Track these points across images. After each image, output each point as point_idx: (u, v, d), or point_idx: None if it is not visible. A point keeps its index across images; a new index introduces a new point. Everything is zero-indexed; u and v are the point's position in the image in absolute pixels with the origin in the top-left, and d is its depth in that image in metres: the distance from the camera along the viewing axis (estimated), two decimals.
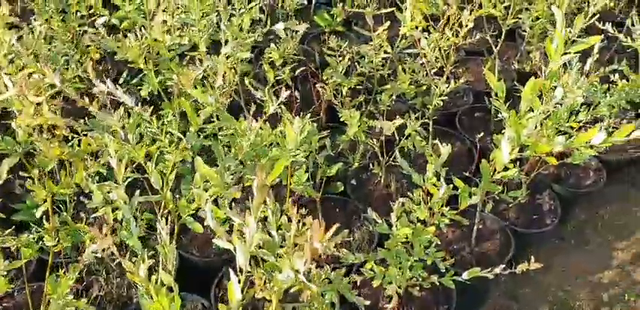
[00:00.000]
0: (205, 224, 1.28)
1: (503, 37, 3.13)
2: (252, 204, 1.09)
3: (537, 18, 3.08)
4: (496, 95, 1.95)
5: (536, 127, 1.73)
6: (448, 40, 2.27)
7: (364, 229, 2.30)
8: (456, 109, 3.03)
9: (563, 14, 1.76)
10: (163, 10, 2.23)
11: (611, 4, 4.19)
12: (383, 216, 2.35)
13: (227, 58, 1.99)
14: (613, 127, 2.57)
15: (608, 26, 2.68)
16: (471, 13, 2.22)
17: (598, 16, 3.72)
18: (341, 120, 2.24)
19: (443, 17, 2.49)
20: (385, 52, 2.39)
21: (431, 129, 2.64)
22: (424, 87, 2.55)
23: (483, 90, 3.24)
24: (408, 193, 1.82)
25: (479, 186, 1.80)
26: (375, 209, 2.39)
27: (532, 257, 1.69)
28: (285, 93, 1.47)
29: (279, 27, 1.99)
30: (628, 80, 2.55)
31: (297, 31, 2.59)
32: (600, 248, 2.77)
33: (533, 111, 1.77)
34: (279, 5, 3.01)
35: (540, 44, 3.12)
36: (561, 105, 2.20)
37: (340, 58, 2.46)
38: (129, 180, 1.40)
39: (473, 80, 3.37)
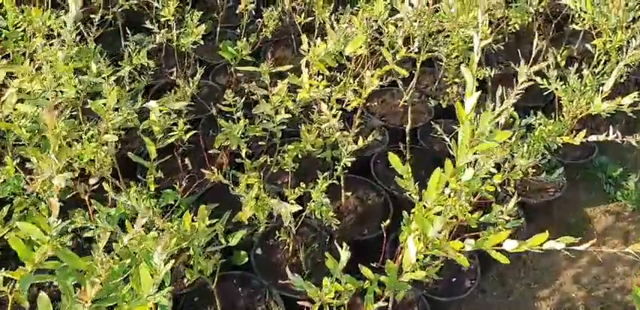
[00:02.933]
0: None
1: (417, 72, 2.95)
2: None
3: (453, 50, 2.91)
4: (401, 177, 1.76)
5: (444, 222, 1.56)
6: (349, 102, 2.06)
7: None
8: (370, 152, 2.83)
9: (473, 80, 1.58)
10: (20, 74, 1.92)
11: (529, 20, 4.06)
12: (291, 294, 2.16)
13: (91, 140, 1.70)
14: (530, 179, 2.44)
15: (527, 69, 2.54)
16: (373, 74, 2.01)
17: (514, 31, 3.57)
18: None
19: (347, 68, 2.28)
20: (287, 110, 2.15)
21: (342, 185, 2.45)
22: (332, 139, 2.33)
23: (398, 126, 3.06)
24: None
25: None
26: (283, 287, 2.20)
27: None
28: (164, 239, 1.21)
29: (152, 105, 1.71)
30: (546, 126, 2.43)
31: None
32: (524, 297, 2.67)
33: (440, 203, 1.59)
34: (174, 43, 2.70)
35: (457, 79, 2.96)
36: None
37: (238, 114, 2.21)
38: None
39: (387, 113, 3.18)
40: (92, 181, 1.83)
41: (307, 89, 1.99)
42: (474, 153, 1.44)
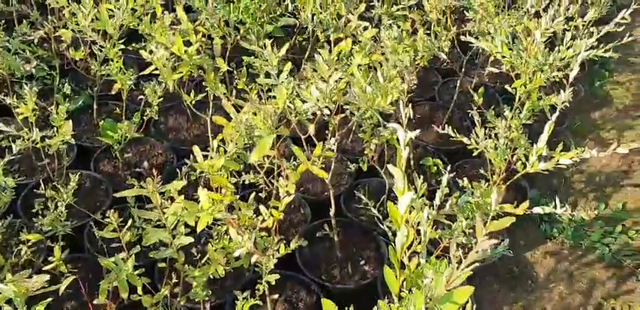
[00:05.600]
0: None
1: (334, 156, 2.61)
2: None
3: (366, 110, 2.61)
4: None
5: None
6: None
7: None
8: (291, 234, 2.50)
9: (405, 180, 1.32)
10: None
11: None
12: None
13: None
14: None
15: (449, 129, 2.30)
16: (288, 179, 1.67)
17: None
18: None
19: None
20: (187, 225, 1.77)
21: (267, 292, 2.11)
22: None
23: (319, 193, 2.75)
24: None
25: None
26: None
27: None
28: None
29: (3, 288, 1.30)
30: None
31: None
32: None
33: None
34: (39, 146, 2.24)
35: (375, 141, 2.66)
36: None
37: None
38: None
39: (303, 181, 2.84)
40: None
41: (209, 212, 1.63)
42: None
